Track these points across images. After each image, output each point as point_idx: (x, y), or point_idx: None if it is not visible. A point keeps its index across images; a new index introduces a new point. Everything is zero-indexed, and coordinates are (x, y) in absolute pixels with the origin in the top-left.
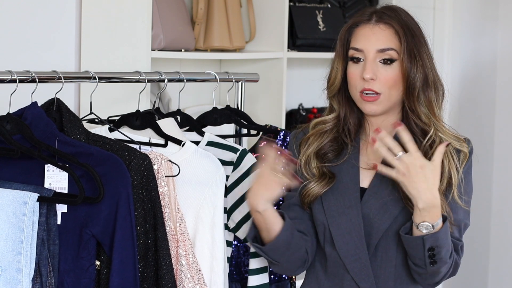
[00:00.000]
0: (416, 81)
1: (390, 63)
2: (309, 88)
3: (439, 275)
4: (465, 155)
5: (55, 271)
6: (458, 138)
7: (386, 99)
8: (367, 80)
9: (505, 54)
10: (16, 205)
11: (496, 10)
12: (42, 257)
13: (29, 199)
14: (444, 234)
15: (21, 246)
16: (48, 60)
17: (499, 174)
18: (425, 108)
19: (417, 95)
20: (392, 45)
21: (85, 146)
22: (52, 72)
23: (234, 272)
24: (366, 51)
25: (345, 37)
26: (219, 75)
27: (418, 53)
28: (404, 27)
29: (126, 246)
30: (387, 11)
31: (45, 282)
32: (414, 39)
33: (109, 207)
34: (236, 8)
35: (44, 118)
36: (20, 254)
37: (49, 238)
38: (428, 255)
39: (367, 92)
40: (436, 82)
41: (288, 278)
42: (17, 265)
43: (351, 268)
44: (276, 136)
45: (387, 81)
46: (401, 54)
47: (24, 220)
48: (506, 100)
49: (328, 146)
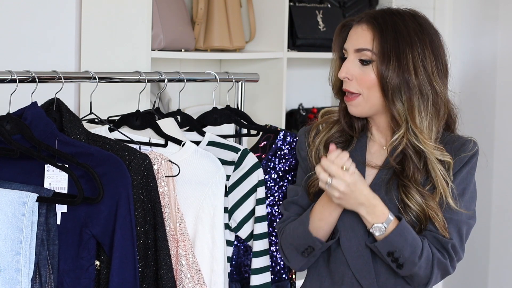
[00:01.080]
0: (389, 82)
1: (367, 64)
2: (309, 88)
3: (419, 277)
4: (448, 163)
5: (54, 271)
6: (439, 148)
7: (365, 100)
8: (343, 79)
9: (505, 54)
10: (15, 205)
11: (496, 10)
12: (41, 257)
13: (28, 199)
14: (398, 236)
15: (20, 246)
16: (48, 60)
17: (499, 174)
18: (404, 110)
19: (392, 95)
20: (368, 45)
21: (85, 146)
22: (52, 72)
23: (234, 272)
24: (348, 50)
25: (340, 37)
26: (219, 75)
27: (396, 56)
28: (387, 28)
29: (126, 246)
30: (380, 13)
31: (45, 282)
32: (397, 41)
33: (109, 207)
34: (236, 8)
35: (44, 118)
36: (19, 254)
37: (48, 238)
38: (391, 260)
39: (347, 92)
40: (423, 88)
41: (288, 278)
42: (16, 265)
43: (353, 265)
44: (276, 136)
45: (362, 81)
46: (376, 55)
47: (23, 220)
48: (506, 100)
49: (337, 136)
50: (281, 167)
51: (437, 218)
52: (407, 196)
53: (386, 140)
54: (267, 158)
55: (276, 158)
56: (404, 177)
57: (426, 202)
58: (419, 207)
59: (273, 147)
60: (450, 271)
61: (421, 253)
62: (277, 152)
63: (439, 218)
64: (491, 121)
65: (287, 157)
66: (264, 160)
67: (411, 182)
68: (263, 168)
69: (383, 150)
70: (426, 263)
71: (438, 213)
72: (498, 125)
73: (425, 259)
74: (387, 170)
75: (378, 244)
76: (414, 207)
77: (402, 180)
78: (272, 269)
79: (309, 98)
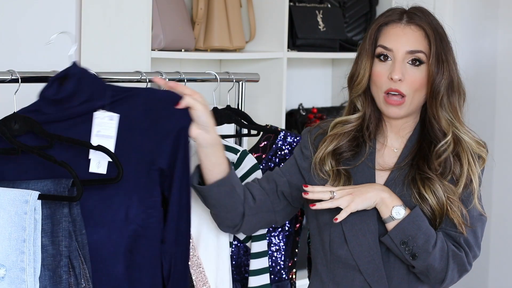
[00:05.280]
0: (441, 86)
1: (418, 65)
2: (309, 88)
3: (435, 270)
4: (483, 160)
5: (87, 261)
6: (478, 143)
7: (409, 102)
8: (395, 81)
9: (505, 54)
10: (18, 203)
11: (496, 10)
12: (72, 249)
13: (30, 197)
14: (411, 223)
15: (23, 245)
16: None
17: (499, 174)
18: (448, 113)
19: (440, 99)
20: (421, 47)
21: (137, 88)
22: (52, 72)
23: (234, 272)
24: (396, 51)
25: (375, 35)
26: (219, 75)
27: (446, 58)
28: (434, 30)
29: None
30: (417, 12)
31: (79, 274)
32: (442, 43)
33: (172, 141)
34: (236, 8)
35: (90, 73)
36: (23, 253)
37: (75, 229)
38: (405, 250)
39: (393, 93)
40: (460, 87)
41: (288, 278)
42: (20, 264)
43: (364, 270)
44: (276, 136)
45: (413, 83)
46: (429, 57)
47: (26, 218)
48: (506, 100)
49: (346, 146)
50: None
51: (457, 214)
52: (428, 189)
53: (400, 143)
54: (268, 158)
55: (276, 158)
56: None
57: (448, 195)
58: (438, 201)
59: (274, 147)
60: (466, 266)
61: (435, 243)
62: (278, 152)
63: (459, 215)
64: (491, 121)
65: (287, 157)
66: (264, 160)
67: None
68: (263, 168)
69: (394, 152)
70: (441, 254)
71: (462, 208)
72: (498, 125)
73: (439, 249)
74: (401, 170)
75: (391, 232)
76: (432, 201)
77: (424, 173)
78: (272, 269)
79: (309, 98)
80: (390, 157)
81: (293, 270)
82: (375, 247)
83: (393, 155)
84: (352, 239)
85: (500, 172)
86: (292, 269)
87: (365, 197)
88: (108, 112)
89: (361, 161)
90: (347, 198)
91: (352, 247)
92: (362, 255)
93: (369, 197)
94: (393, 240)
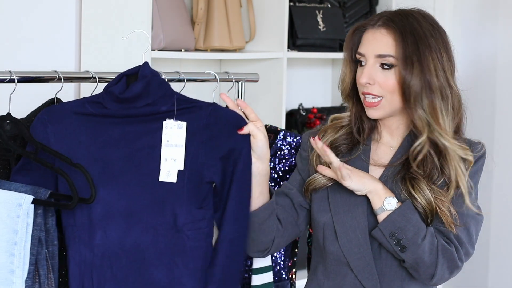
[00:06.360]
0: (411, 87)
1: (389, 68)
2: (309, 88)
3: (424, 264)
4: (469, 162)
5: (55, 271)
6: (463, 147)
7: (388, 103)
8: (364, 84)
9: (505, 54)
10: (11, 206)
11: (496, 10)
12: (40, 258)
13: (24, 201)
14: (401, 216)
15: (14, 248)
16: (48, 60)
17: (499, 174)
18: (425, 114)
19: (414, 101)
20: (390, 51)
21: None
22: (52, 72)
23: None
24: (367, 55)
25: (353, 40)
26: (219, 75)
27: (418, 60)
28: (406, 32)
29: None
30: (395, 16)
31: (44, 283)
32: (417, 45)
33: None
34: (236, 8)
35: (159, 77)
36: (14, 256)
37: (47, 239)
38: (394, 243)
39: (368, 96)
40: (443, 89)
41: (288, 278)
42: (10, 266)
43: (354, 266)
44: (276, 136)
45: (384, 85)
46: (398, 60)
47: (18, 222)
48: (506, 100)
49: (343, 139)
50: (281, 167)
51: (446, 213)
52: (416, 188)
53: (396, 141)
54: None
55: (276, 158)
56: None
57: (436, 196)
58: (427, 201)
59: (273, 147)
60: (457, 261)
61: (424, 236)
62: (277, 152)
63: (448, 214)
64: (491, 121)
65: (287, 157)
66: None
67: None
68: None
69: (389, 150)
70: (430, 248)
71: (451, 209)
72: (498, 125)
73: (429, 242)
74: (394, 168)
75: (381, 224)
76: (421, 200)
77: (412, 173)
78: (272, 269)
79: (309, 98)
80: (385, 154)
81: (293, 270)
82: (365, 243)
83: (388, 153)
84: (342, 235)
85: (500, 172)
86: (292, 269)
87: (362, 180)
88: (177, 121)
89: (356, 155)
90: (347, 171)
91: (342, 243)
92: (352, 252)
93: (364, 181)
94: (383, 232)
